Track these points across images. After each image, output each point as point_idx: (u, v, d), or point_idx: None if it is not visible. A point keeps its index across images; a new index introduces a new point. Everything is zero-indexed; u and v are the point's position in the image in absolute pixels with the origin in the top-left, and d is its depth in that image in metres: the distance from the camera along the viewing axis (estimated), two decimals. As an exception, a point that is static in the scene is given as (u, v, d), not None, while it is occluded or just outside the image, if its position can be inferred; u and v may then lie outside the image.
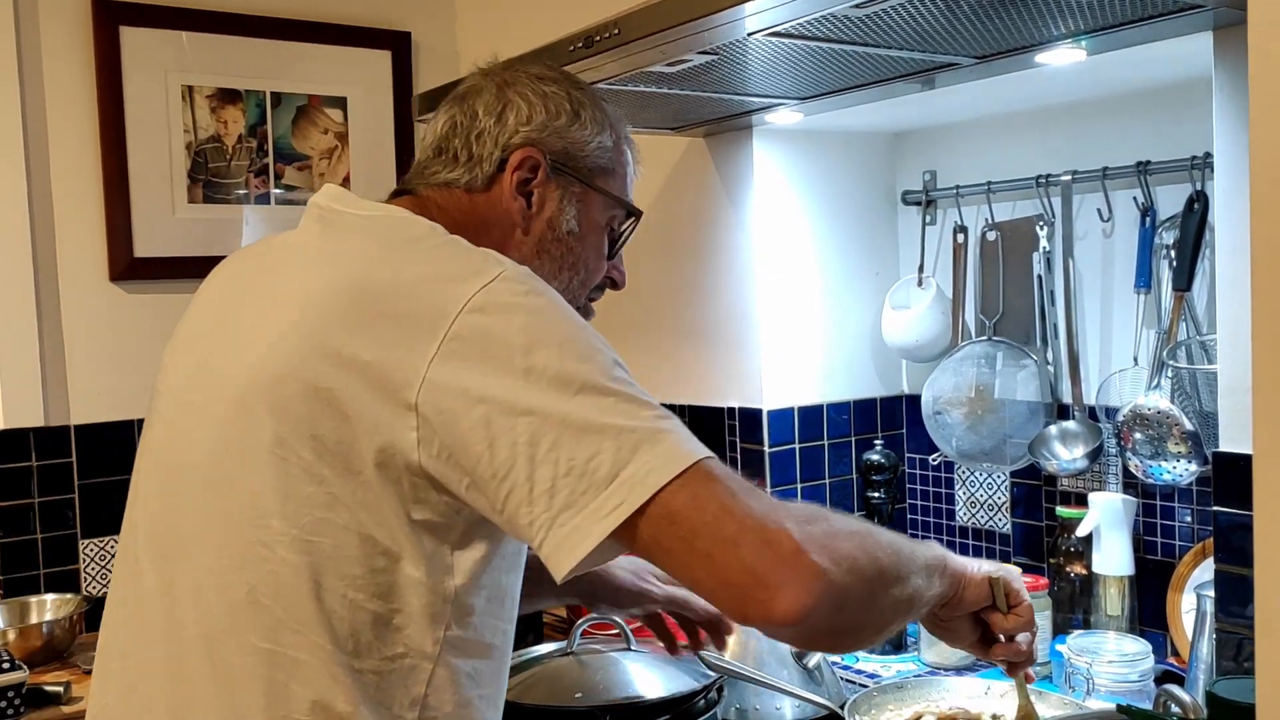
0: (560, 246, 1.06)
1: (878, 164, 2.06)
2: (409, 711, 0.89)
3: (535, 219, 1.05)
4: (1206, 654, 1.43)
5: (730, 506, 0.79)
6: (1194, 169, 1.57)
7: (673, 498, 0.79)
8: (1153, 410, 1.58)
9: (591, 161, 1.07)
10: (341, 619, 0.86)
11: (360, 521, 0.86)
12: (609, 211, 1.10)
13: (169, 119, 2.27)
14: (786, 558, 0.78)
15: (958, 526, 2.00)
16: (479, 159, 1.04)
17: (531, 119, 1.04)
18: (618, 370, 0.85)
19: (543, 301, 0.86)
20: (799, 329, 1.98)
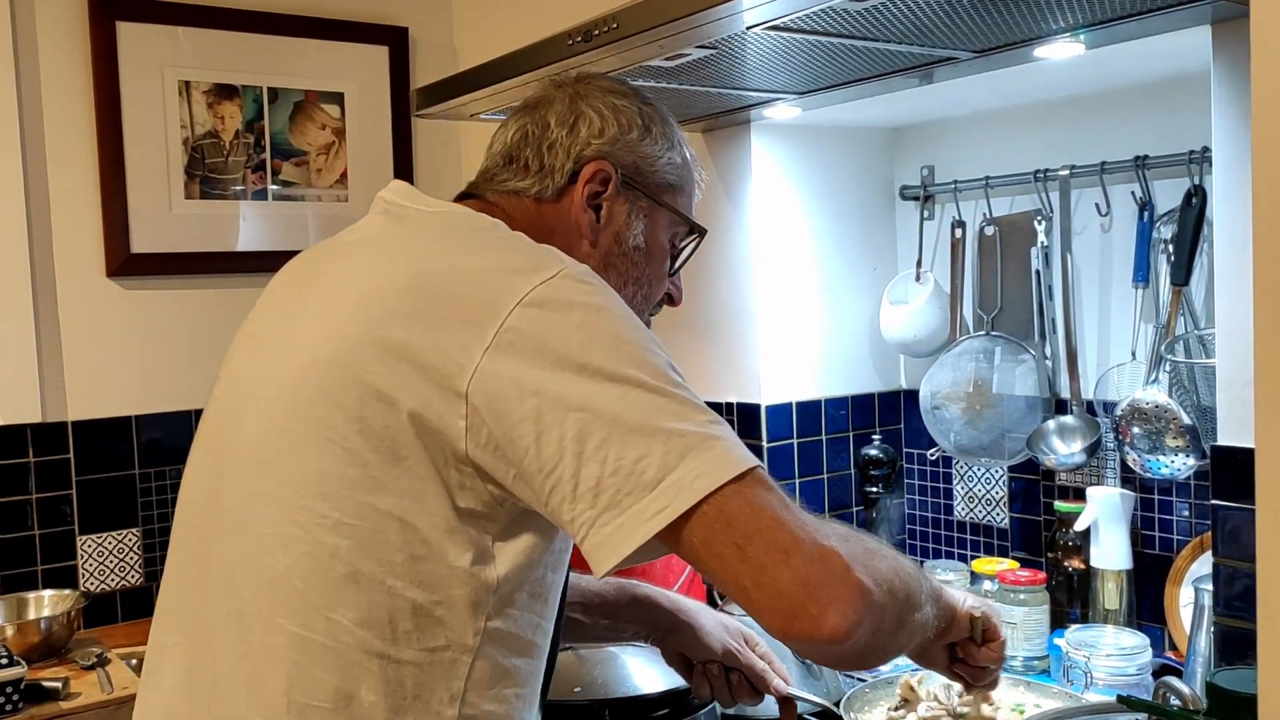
0: (625, 261, 1.06)
1: (876, 159, 2.06)
2: (448, 707, 0.88)
3: (603, 232, 1.05)
4: (1204, 647, 1.44)
5: (784, 518, 0.80)
6: (1192, 163, 1.57)
7: (727, 502, 0.79)
8: (1151, 405, 1.58)
9: (661, 178, 1.08)
10: (380, 605, 0.85)
11: (404, 508, 0.85)
12: (673, 228, 1.10)
13: (165, 114, 2.26)
14: (837, 574, 0.78)
15: (955, 521, 2.00)
16: (550, 169, 1.04)
17: (604, 131, 1.05)
18: (672, 374, 0.85)
19: (602, 301, 0.86)
20: (797, 324, 1.98)
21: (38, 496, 2.12)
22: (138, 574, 2.22)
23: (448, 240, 0.92)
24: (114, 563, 2.19)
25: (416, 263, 0.89)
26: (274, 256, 2.34)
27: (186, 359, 2.27)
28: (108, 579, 2.18)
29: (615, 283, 1.04)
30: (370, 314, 0.87)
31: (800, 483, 1.97)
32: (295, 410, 0.88)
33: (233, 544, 0.90)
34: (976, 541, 1.96)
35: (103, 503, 2.18)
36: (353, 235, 1.02)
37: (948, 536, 2.01)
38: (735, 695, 1.28)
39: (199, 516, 0.95)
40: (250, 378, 0.96)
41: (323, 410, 0.86)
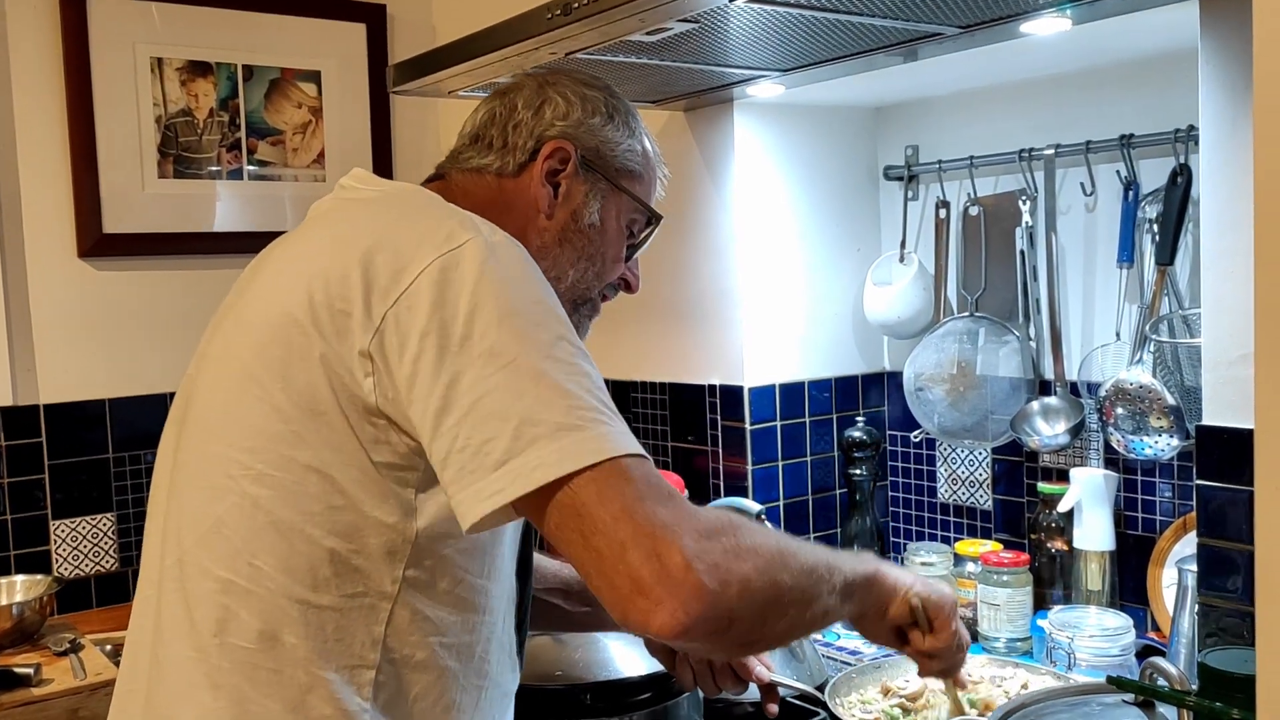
0: (581, 238, 1.10)
1: (859, 139, 2.04)
2: (370, 651, 0.92)
3: (559, 208, 1.09)
4: (1188, 628, 1.44)
5: (633, 510, 0.80)
6: (1177, 142, 1.56)
7: (580, 491, 0.81)
8: (1135, 385, 1.57)
9: (620, 163, 1.12)
10: (300, 554, 0.90)
11: (322, 460, 0.89)
12: (631, 214, 1.14)
13: (138, 92, 2.22)
14: (672, 573, 0.79)
15: (939, 503, 1.99)
16: (513, 147, 1.09)
17: (568, 115, 1.09)
18: (559, 350, 0.86)
19: (505, 272, 0.88)
20: (780, 305, 1.96)
21: (9, 481, 2.08)
22: (112, 559, 2.18)
23: (378, 215, 0.97)
24: (88, 548, 2.16)
25: (346, 237, 0.93)
26: (250, 237, 2.31)
27: (160, 341, 2.23)
28: (82, 564, 2.15)
29: (570, 257, 1.09)
30: (299, 283, 0.92)
31: (784, 465, 1.96)
32: (234, 372, 0.94)
33: (181, 500, 0.96)
34: (960, 524, 1.96)
35: (76, 487, 2.14)
36: (309, 216, 1.09)
37: (930, 519, 2.00)
38: (718, 682, 1.27)
39: (164, 480, 1.01)
40: (207, 351, 1.01)
41: (255, 369, 0.92)
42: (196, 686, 0.90)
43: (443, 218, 0.93)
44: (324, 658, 0.90)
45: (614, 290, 1.18)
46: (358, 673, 0.91)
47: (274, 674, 0.89)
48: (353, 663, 0.91)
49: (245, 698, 0.89)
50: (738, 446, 1.94)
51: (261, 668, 0.89)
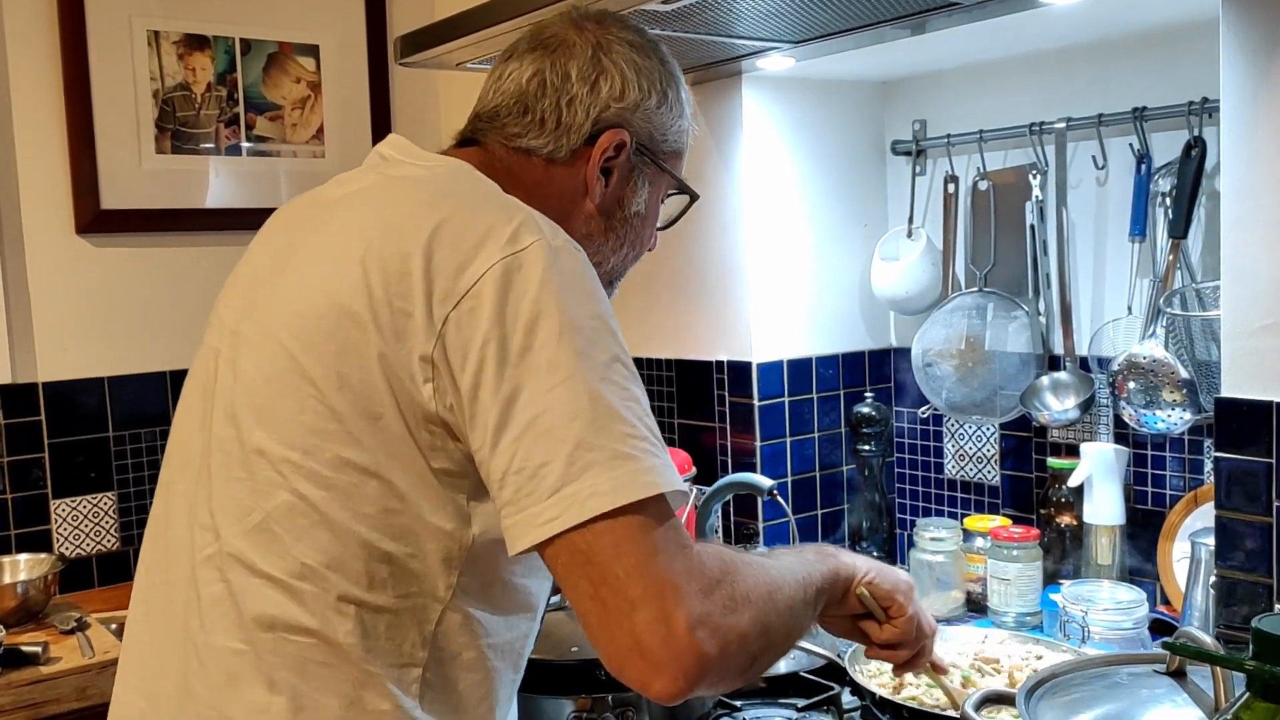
0: (625, 225, 1.06)
1: (866, 113, 2.03)
2: (420, 650, 0.91)
3: (608, 195, 1.05)
4: (1201, 601, 1.44)
5: (646, 567, 0.80)
6: (1191, 114, 1.55)
7: (598, 538, 0.80)
8: (1148, 359, 1.57)
9: (670, 145, 1.07)
10: (355, 555, 0.88)
11: (380, 464, 0.87)
12: (668, 189, 1.11)
13: (134, 66, 2.19)
14: (677, 638, 0.78)
15: (946, 479, 1.99)
16: (567, 128, 1.02)
17: (625, 94, 1.02)
18: (614, 372, 0.85)
19: (567, 281, 0.86)
20: (787, 281, 1.95)
21: (8, 460, 2.06)
22: (114, 538, 2.17)
23: (435, 202, 0.91)
24: (89, 527, 2.14)
25: (401, 224, 0.89)
26: (248, 214, 2.28)
27: (160, 319, 2.21)
28: (83, 544, 2.13)
29: (613, 244, 1.06)
30: (352, 271, 0.88)
31: (791, 441, 1.95)
32: (281, 363, 0.90)
33: (217, 488, 0.93)
34: (967, 499, 1.96)
35: (76, 466, 2.12)
36: (345, 188, 1.01)
37: (938, 495, 2.00)
38: None
39: (191, 458, 0.97)
40: (243, 326, 0.96)
41: (307, 363, 0.89)
42: (247, 681, 0.89)
43: (506, 212, 0.89)
44: (376, 655, 0.89)
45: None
46: (406, 671, 0.90)
47: (328, 669, 0.88)
48: (402, 661, 0.90)
49: (301, 693, 0.88)
50: (746, 423, 1.93)
51: (314, 662, 0.88)
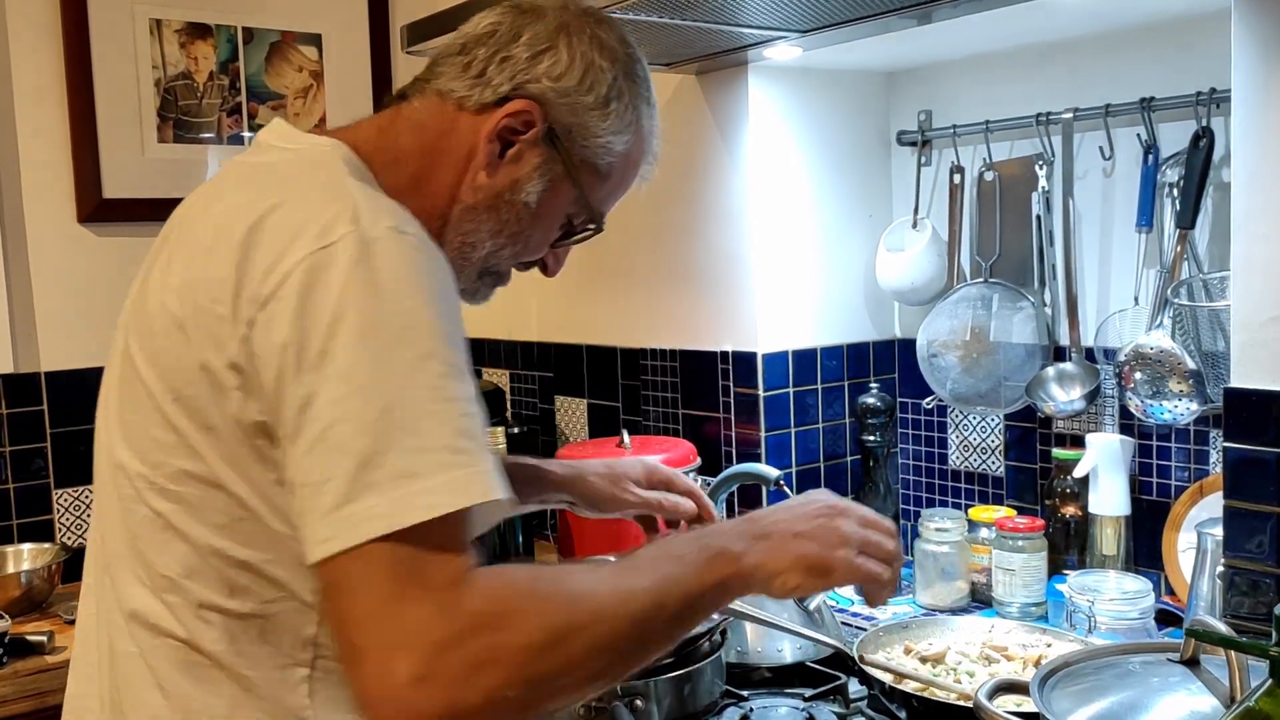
0: (510, 211, 1.00)
1: (872, 104, 2.02)
2: (302, 651, 0.89)
3: (503, 169, 0.99)
4: (1207, 591, 1.44)
5: (380, 612, 0.75)
6: (1200, 104, 1.55)
7: (353, 567, 0.76)
8: (1155, 349, 1.57)
9: (589, 154, 1.01)
10: (213, 567, 0.87)
11: (220, 475, 0.85)
12: (575, 206, 1.04)
13: (137, 54, 2.18)
14: (396, 697, 0.73)
15: (950, 470, 1.99)
16: (487, 81, 0.98)
17: (562, 78, 0.98)
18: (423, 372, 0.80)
19: (376, 276, 0.80)
20: (792, 272, 1.95)
21: (11, 449, 2.06)
22: (116, 529, 2.17)
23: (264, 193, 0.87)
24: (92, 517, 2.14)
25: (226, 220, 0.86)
26: (251, 203, 2.28)
27: (163, 308, 2.20)
28: (86, 533, 2.13)
29: (491, 227, 1.01)
30: (180, 280, 0.87)
31: (796, 432, 1.95)
32: (133, 377, 0.90)
33: (101, 502, 0.96)
34: (971, 490, 1.96)
35: (78, 455, 2.12)
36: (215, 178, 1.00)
37: (941, 486, 2.00)
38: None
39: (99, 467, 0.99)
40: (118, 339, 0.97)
41: (149, 377, 0.88)
42: (147, 684, 0.89)
43: (328, 202, 0.84)
44: (251, 661, 0.87)
45: (529, 268, 1.10)
46: (290, 672, 0.88)
47: (211, 673, 0.87)
48: (284, 663, 0.88)
49: (190, 696, 0.88)
50: (750, 413, 1.93)
51: (197, 665, 0.88)
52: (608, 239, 1.14)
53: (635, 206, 2.14)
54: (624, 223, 2.18)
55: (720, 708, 1.40)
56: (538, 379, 2.44)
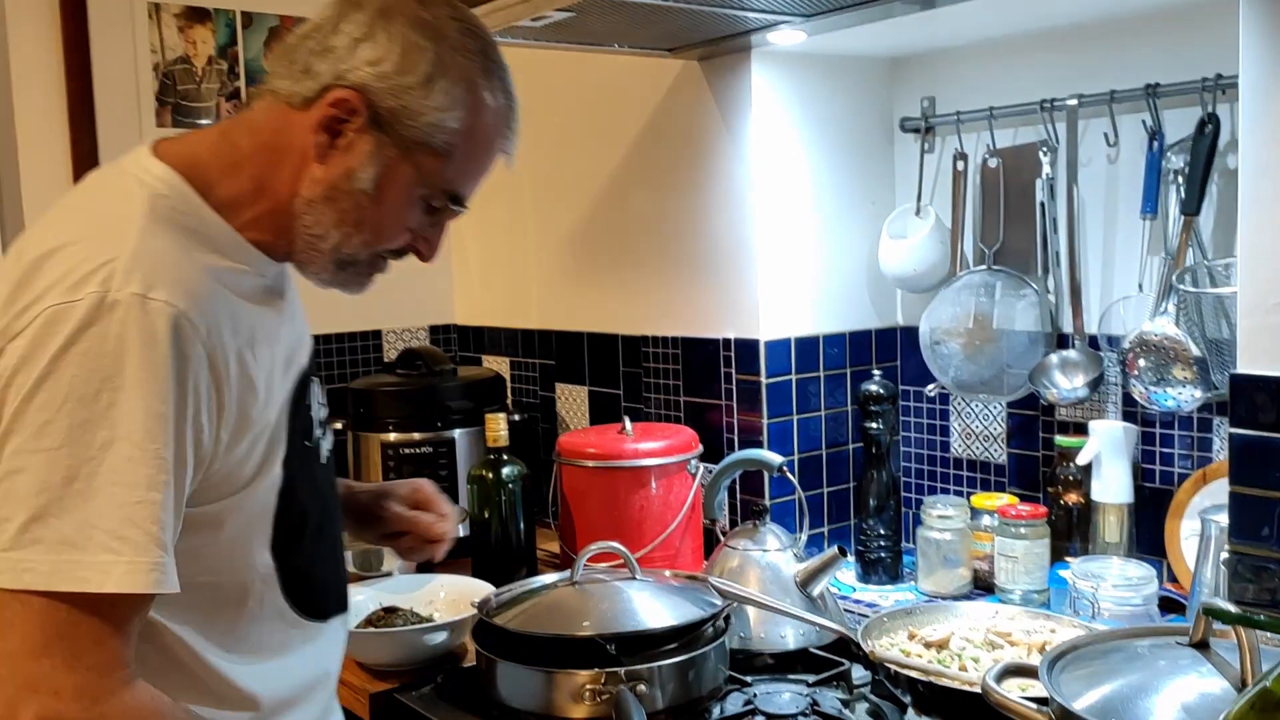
0: (349, 200, 1.01)
1: (875, 91, 2.01)
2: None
3: (334, 160, 1.00)
4: (1210, 578, 1.44)
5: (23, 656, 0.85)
6: (1205, 91, 1.54)
7: (12, 603, 0.85)
8: (1160, 335, 1.56)
9: (420, 135, 1.01)
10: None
11: None
12: (424, 187, 1.04)
13: (135, 38, 2.17)
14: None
15: (951, 458, 1.99)
16: (311, 74, 0.99)
17: (380, 63, 0.99)
18: (112, 455, 0.87)
19: (96, 346, 0.88)
20: (795, 259, 1.95)
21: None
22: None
23: (66, 227, 0.96)
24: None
25: (27, 246, 0.95)
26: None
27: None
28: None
29: (334, 218, 1.02)
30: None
31: (798, 419, 1.95)
32: None
33: None
34: (973, 478, 1.95)
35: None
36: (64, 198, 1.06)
37: (943, 474, 2.00)
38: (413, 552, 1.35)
39: None
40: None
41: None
42: None
43: (100, 250, 0.91)
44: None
45: (401, 254, 1.10)
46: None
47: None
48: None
49: None
50: (752, 401, 1.92)
51: None
52: (609, 226, 1.14)
53: (636, 192, 2.15)
54: (625, 210, 2.18)
55: (724, 693, 1.40)
56: (538, 366, 2.43)
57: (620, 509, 1.83)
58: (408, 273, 1.22)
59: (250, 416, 0.99)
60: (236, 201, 1.01)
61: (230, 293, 1.00)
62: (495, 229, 2.52)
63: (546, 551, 2.02)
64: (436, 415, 2.12)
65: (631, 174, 2.15)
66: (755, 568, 1.57)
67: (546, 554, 2.02)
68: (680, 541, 1.86)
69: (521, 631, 1.36)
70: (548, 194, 2.36)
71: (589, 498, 1.86)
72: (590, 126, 2.23)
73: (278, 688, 1.08)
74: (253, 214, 1.02)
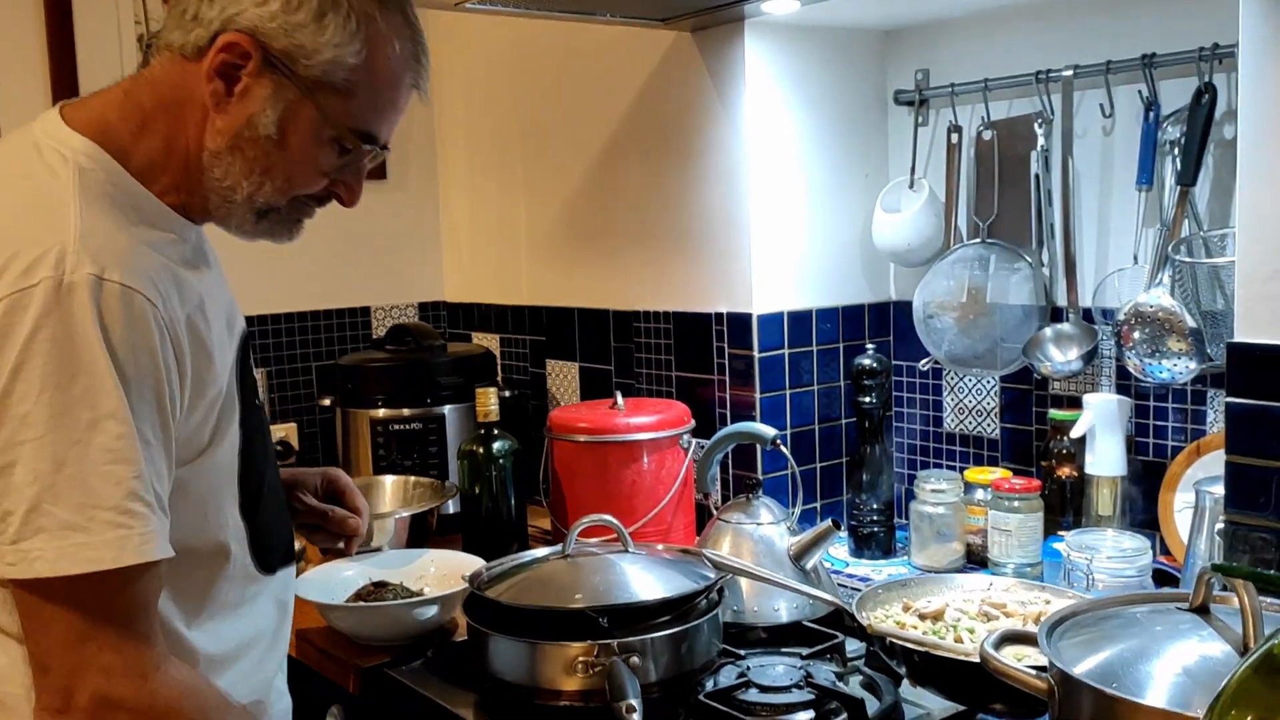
0: (255, 148, 1.00)
1: (869, 63, 1.99)
2: None
3: (234, 108, 0.99)
4: (1204, 550, 1.43)
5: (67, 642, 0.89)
6: (1202, 60, 1.53)
7: (39, 599, 0.88)
8: (1155, 307, 1.56)
9: (318, 72, 0.99)
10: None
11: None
12: (332, 128, 1.01)
13: (118, 8, 2.13)
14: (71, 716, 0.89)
15: (944, 433, 1.98)
16: (199, 21, 0.98)
17: (267, 3, 0.97)
18: (98, 434, 0.88)
19: (65, 329, 0.88)
20: (788, 233, 1.93)
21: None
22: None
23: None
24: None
25: None
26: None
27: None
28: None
29: (242, 168, 1.01)
30: None
31: (791, 394, 1.94)
32: None
33: None
34: (966, 453, 1.95)
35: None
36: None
37: (936, 449, 1.99)
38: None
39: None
40: None
41: None
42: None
43: (44, 232, 0.90)
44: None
45: (321, 202, 1.08)
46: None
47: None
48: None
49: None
50: (745, 375, 1.91)
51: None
52: (600, 200, 1.12)
53: (628, 164, 2.13)
54: (617, 184, 2.16)
55: (717, 666, 1.39)
56: (529, 343, 2.41)
57: (612, 484, 1.82)
58: (396, 248, 1.20)
59: (205, 380, 1.00)
60: (152, 165, 1.00)
61: (170, 262, 1.00)
62: (485, 204, 2.49)
63: (538, 528, 2.01)
64: (426, 391, 2.10)
65: (623, 147, 2.12)
66: (748, 541, 1.56)
67: (538, 530, 2.01)
68: (672, 517, 1.84)
69: (513, 604, 1.35)
70: (538, 168, 2.33)
71: (580, 473, 1.85)
72: (581, 99, 2.21)
73: (220, 644, 1.08)
74: (170, 178, 1.01)
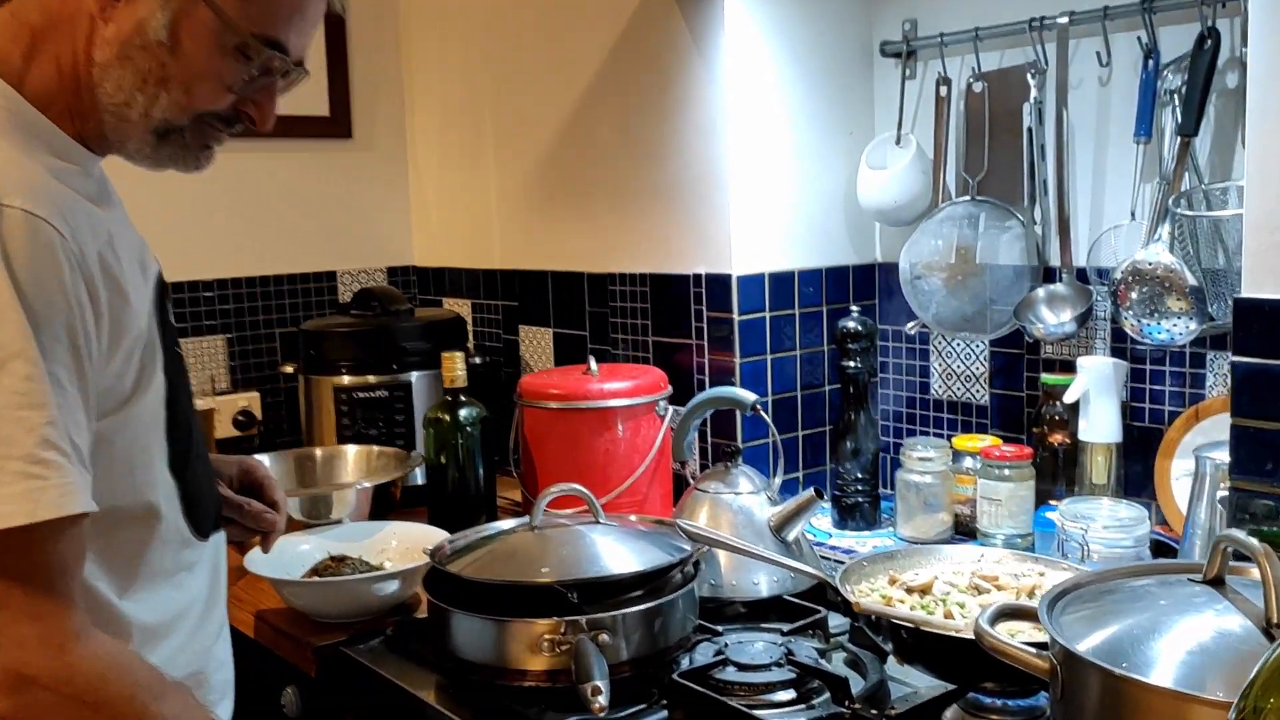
0: (146, 57, 0.93)
1: (854, 13, 1.90)
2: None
3: (120, 14, 0.92)
4: (1204, 518, 1.37)
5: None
6: (1204, 4, 1.45)
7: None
8: (1154, 264, 1.48)
9: None
10: None
11: None
12: (232, 34, 0.94)
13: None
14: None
15: (931, 400, 1.91)
16: None
17: None
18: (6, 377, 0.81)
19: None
20: (769, 191, 1.84)
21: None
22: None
23: None
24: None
25: None
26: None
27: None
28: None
29: (134, 80, 0.94)
30: None
31: (772, 359, 1.86)
32: None
33: None
34: (954, 420, 1.87)
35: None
36: None
37: (923, 415, 1.92)
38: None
39: None
40: None
41: None
42: None
43: None
44: None
45: (229, 124, 1.01)
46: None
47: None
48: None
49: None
50: (724, 339, 1.83)
51: None
52: (574, 158, 1.04)
53: (604, 119, 2.03)
54: (591, 140, 2.07)
55: (693, 643, 1.31)
56: (501, 308, 2.32)
57: (584, 453, 1.74)
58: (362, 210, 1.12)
59: (123, 322, 0.93)
60: (47, 90, 0.94)
61: (77, 194, 0.92)
62: (453, 163, 2.39)
63: (508, 499, 1.93)
64: (392, 357, 2.01)
65: (597, 101, 2.03)
66: (727, 511, 1.48)
67: (508, 501, 1.93)
68: (648, 487, 1.77)
69: (476, 579, 1.27)
70: (509, 124, 2.23)
71: (551, 441, 1.77)
72: (553, 50, 2.11)
73: (155, 614, 1.03)
74: (64, 102, 0.95)
